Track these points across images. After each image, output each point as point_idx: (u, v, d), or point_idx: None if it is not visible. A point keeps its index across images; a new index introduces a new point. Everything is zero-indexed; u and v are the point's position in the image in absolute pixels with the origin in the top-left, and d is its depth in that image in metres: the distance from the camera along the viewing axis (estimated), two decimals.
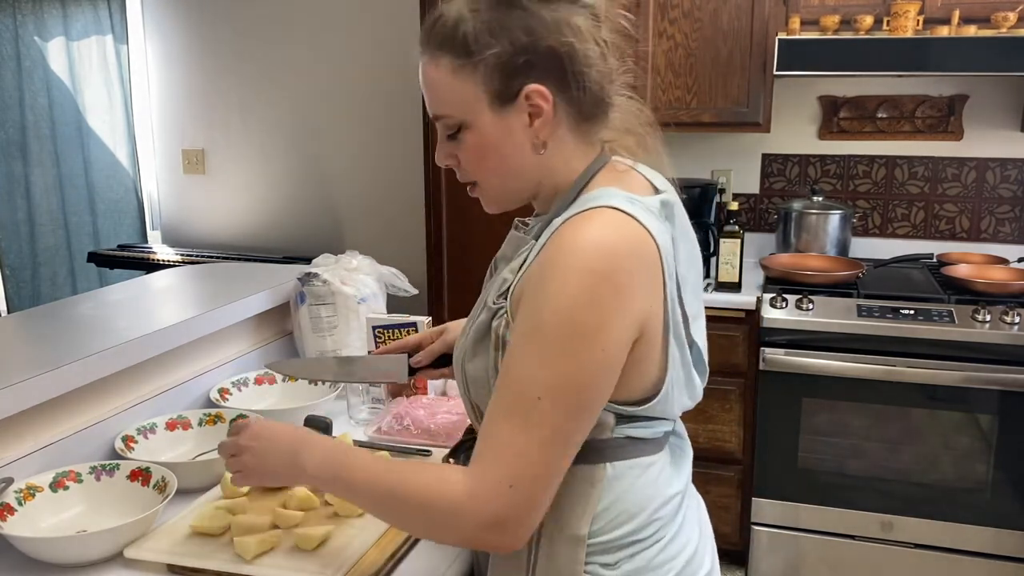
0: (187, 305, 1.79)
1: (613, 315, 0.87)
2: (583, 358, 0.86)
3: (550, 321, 0.87)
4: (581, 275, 0.86)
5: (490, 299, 0.99)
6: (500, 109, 0.95)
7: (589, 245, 0.87)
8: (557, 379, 0.86)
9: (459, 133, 0.97)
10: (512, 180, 1.00)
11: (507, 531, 0.89)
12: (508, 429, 0.88)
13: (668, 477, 1.01)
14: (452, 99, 0.96)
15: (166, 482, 1.25)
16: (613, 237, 0.88)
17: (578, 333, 0.86)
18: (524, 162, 0.98)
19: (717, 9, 2.78)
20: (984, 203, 2.99)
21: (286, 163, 3.75)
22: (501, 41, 0.92)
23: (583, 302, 0.86)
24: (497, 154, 0.97)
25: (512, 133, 0.96)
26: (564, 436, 0.88)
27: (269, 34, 3.65)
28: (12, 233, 4.11)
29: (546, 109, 0.94)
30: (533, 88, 0.93)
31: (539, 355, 0.87)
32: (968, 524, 2.51)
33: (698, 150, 3.22)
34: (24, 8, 3.96)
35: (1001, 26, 2.53)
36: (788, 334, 2.55)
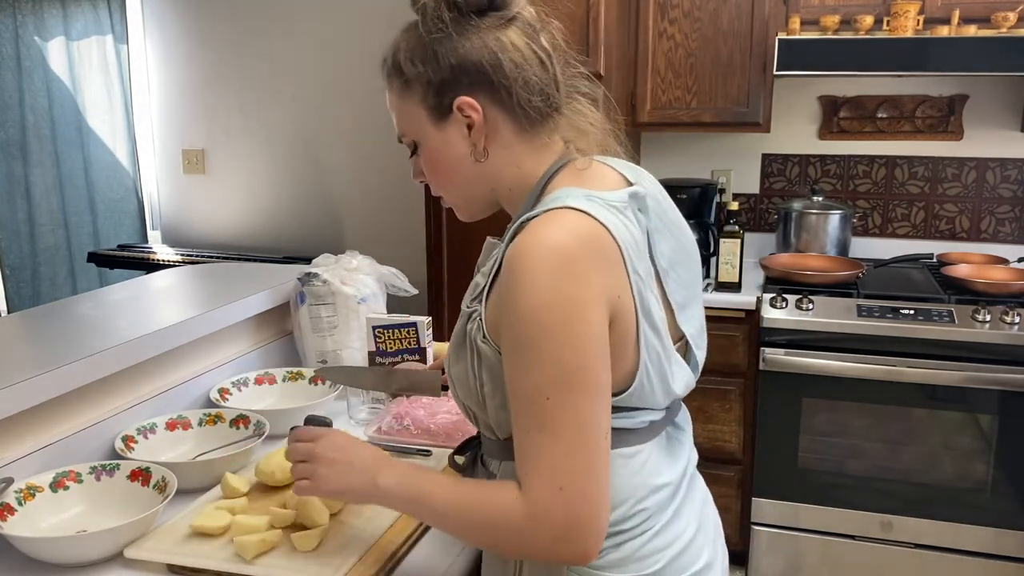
0: (187, 305, 1.80)
1: (581, 300, 0.89)
2: (570, 345, 0.88)
3: (525, 326, 0.89)
4: (540, 275, 0.89)
5: (464, 303, 1.03)
6: (439, 124, 1.02)
7: (544, 246, 0.90)
8: (555, 373, 0.88)
9: (417, 151, 1.06)
10: (465, 188, 1.06)
11: (577, 538, 0.89)
12: (536, 441, 0.89)
13: (655, 467, 1.01)
14: (403, 120, 1.05)
15: (166, 482, 1.25)
16: (566, 235, 0.91)
17: (556, 324, 0.88)
18: (470, 170, 1.03)
19: (717, 9, 2.78)
20: (984, 203, 2.99)
21: (286, 163, 3.75)
22: (429, 63, 1.00)
23: (549, 298, 0.88)
24: (445, 166, 1.04)
25: (453, 145, 1.02)
26: (589, 424, 0.89)
27: (269, 34, 3.65)
28: (12, 233, 4.11)
29: (476, 119, 1.00)
30: (462, 100, 1.00)
31: (530, 359, 0.89)
32: (968, 524, 2.51)
33: (698, 150, 3.22)
34: (24, 8, 3.96)
35: (1001, 26, 2.53)
36: (788, 334, 2.55)
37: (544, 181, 1.02)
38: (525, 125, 1.02)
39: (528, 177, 1.04)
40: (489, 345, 0.96)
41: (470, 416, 1.07)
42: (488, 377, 0.97)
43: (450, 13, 0.99)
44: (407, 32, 1.04)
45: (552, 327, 0.88)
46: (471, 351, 0.98)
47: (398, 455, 1.41)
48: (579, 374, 0.89)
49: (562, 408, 0.88)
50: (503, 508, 0.91)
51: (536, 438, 0.89)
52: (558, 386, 0.88)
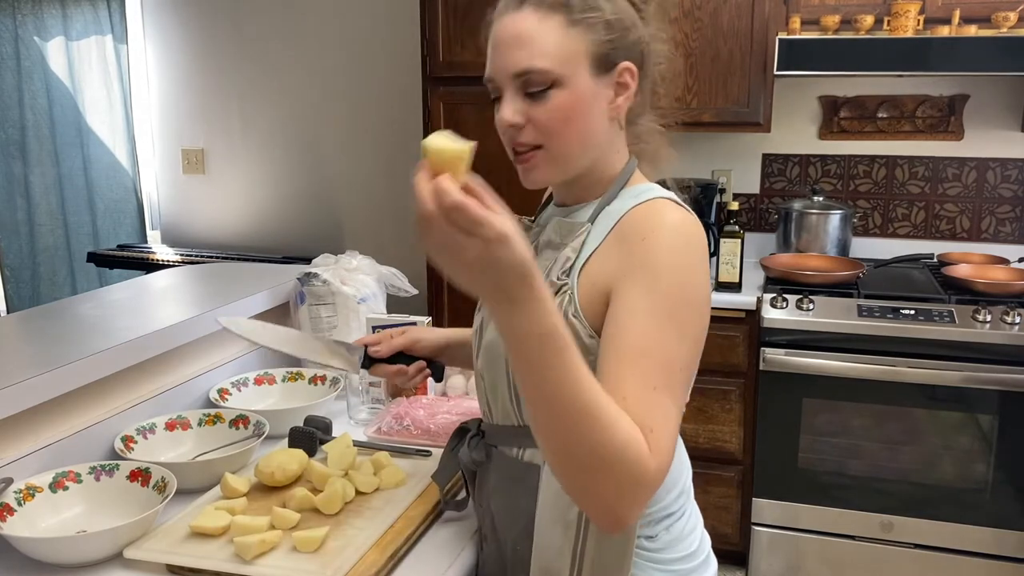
0: (187, 305, 1.79)
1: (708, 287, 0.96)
2: (702, 326, 0.95)
3: (676, 294, 0.91)
4: (689, 254, 0.93)
5: (554, 275, 1.00)
6: (597, 75, 0.98)
7: (682, 225, 0.95)
8: (691, 349, 0.93)
9: (548, 90, 0.96)
10: (584, 148, 1.01)
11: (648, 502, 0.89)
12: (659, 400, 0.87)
13: (684, 451, 1.09)
14: (556, 54, 0.96)
15: (166, 482, 1.24)
16: (692, 224, 0.96)
17: (697, 303, 0.93)
18: (600, 133, 1.01)
19: (717, 9, 2.78)
20: (984, 203, 2.99)
21: (286, 163, 3.75)
22: (619, 15, 0.98)
23: (694, 277, 0.93)
24: (583, 117, 0.99)
25: (600, 101, 0.99)
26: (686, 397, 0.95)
27: (269, 34, 3.65)
28: (12, 233, 4.11)
29: (632, 88, 1.01)
30: (627, 66, 0.99)
31: (672, 330, 0.91)
32: (968, 524, 2.51)
33: (698, 150, 3.21)
34: (24, 8, 3.96)
35: (1001, 26, 2.53)
36: (788, 334, 2.55)
37: (626, 176, 1.05)
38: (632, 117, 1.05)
39: (616, 164, 1.05)
40: (581, 321, 0.96)
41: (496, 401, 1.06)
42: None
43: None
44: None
45: (697, 306, 0.93)
46: None
47: (398, 456, 1.41)
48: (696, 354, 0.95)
49: (684, 382, 0.92)
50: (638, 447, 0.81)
51: (659, 398, 0.87)
52: (688, 364, 0.93)
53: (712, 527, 2.93)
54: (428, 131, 2.91)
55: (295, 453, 1.32)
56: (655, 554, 1.02)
